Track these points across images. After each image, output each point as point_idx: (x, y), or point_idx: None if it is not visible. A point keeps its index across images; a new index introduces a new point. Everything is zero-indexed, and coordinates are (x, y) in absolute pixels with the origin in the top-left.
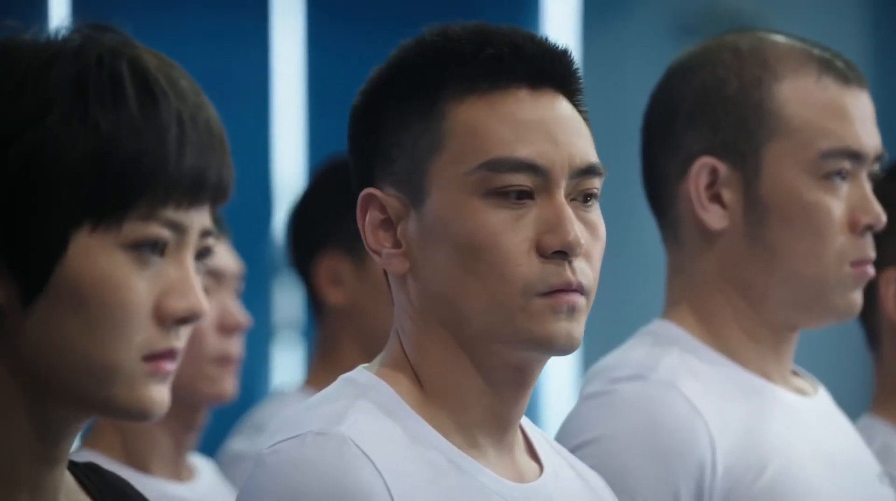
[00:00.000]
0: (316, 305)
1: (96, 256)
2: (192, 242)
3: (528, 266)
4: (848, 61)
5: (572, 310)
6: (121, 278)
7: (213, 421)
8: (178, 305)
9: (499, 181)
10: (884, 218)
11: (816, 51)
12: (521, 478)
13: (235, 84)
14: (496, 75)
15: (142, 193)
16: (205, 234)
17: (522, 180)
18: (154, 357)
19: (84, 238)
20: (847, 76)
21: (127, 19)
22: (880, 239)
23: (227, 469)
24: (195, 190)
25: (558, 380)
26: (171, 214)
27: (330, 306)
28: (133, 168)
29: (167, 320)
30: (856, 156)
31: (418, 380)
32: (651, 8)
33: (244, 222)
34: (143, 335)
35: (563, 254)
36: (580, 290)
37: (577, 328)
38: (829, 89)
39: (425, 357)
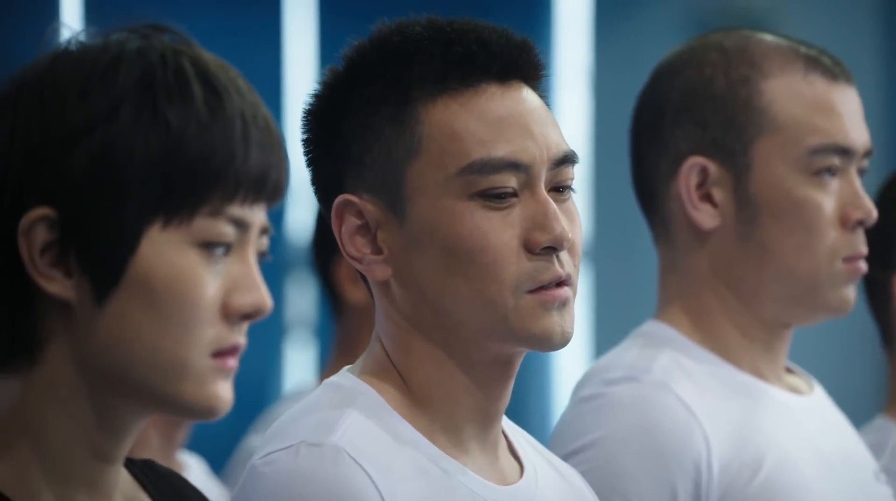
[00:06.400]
0: (335, 303)
1: (169, 252)
2: (254, 238)
3: (517, 265)
4: (834, 58)
5: (563, 305)
6: (193, 275)
7: (227, 419)
8: (243, 300)
9: (483, 183)
10: (875, 213)
11: (803, 48)
12: (504, 479)
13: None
14: (466, 73)
15: (212, 188)
16: (263, 231)
17: (506, 180)
18: (221, 354)
19: (156, 234)
20: (834, 72)
21: (138, 18)
22: (892, 239)
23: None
24: (259, 187)
25: (569, 381)
26: (236, 210)
27: (350, 303)
28: (204, 164)
29: (234, 316)
30: (845, 152)
31: (404, 383)
32: (663, 6)
33: None
34: (213, 331)
35: (552, 249)
36: (568, 282)
37: (570, 321)
38: (817, 86)
39: (412, 360)
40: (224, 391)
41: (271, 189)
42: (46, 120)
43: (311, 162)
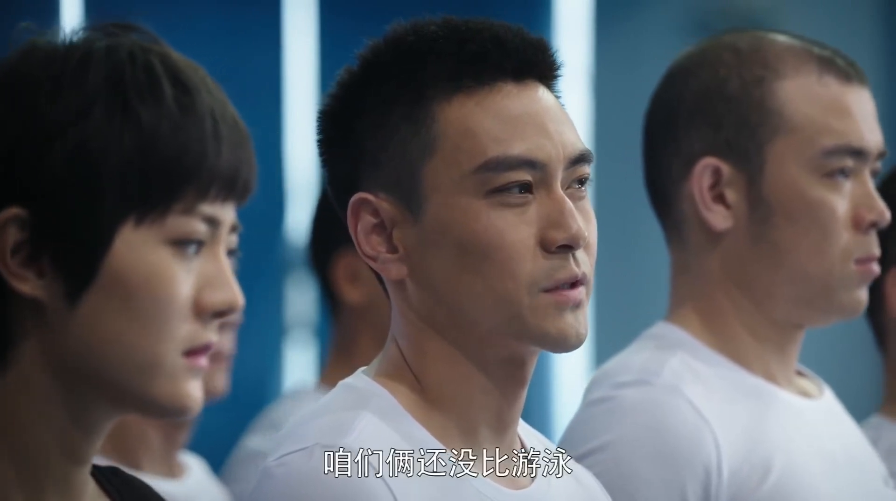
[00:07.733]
0: (333, 303)
1: (142, 250)
2: (225, 236)
3: (533, 263)
4: (848, 59)
5: (577, 306)
6: (167, 272)
7: (227, 420)
8: (216, 298)
9: (499, 181)
10: (888, 215)
11: (816, 49)
12: (517, 483)
13: (248, 84)
14: (481, 71)
15: (185, 186)
16: (233, 229)
17: (522, 176)
18: (193, 352)
19: (130, 233)
20: (848, 74)
21: (138, 19)
22: (886, 237)
23: (244, 467)
24: (230, 184)
25: (569, 382)
26: (208, 208)
27: (347, 304)
28: (177, 162)
29: (206, 313)
30: (858, 153)
31: (419, 385)
32: (663, 6)
33: (257, 222)
34: (185, 329)
35: (568, 247)
36: (583, 281)
37: (584, 322)
38: (831, 87)
39: (427, 361)
40: (195, 391)
41: (241, 186)
42: (18, 120)
43: (327, 162)
